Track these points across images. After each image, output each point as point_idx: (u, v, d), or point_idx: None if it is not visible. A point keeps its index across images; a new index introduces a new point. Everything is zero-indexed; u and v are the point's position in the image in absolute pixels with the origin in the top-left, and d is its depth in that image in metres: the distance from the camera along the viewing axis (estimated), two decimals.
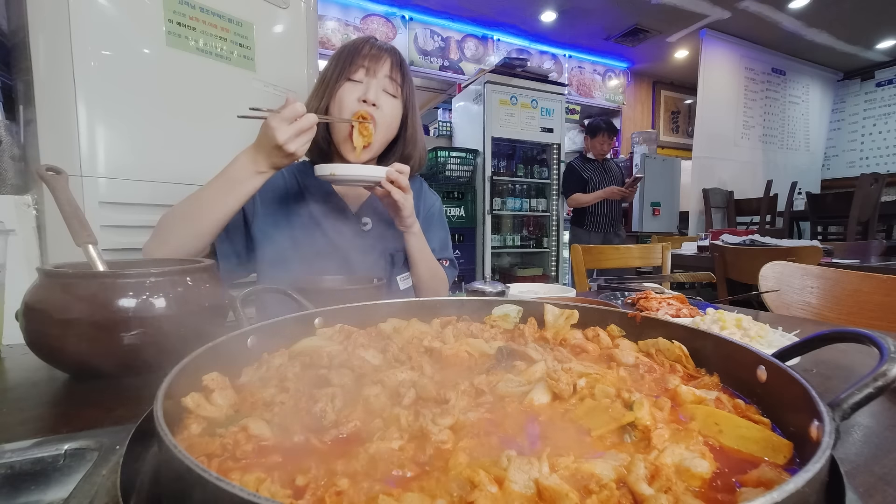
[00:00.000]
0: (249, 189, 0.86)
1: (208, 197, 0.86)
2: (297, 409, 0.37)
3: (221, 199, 0.85)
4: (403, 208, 0.95)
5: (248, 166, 0.85)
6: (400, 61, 1.02)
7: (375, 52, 0.99)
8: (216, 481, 0.21)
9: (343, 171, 0.88)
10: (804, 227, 5.21)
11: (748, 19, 4.98)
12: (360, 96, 0.97)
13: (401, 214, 0.97)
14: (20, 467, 0.37)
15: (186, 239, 0.86)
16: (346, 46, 1.01)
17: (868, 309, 1.19)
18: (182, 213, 0.87)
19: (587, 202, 3.49)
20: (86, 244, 0.63)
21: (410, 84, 1.05)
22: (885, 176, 4.22)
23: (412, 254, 1.06)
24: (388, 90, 1.00)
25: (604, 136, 3.53)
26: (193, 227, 0.86)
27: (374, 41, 1.01)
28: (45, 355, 0.59)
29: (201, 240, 0.88)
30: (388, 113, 1.00)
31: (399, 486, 0.28)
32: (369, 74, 0.98)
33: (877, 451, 0.42)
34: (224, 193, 0.85)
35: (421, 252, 1.06)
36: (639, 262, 2.25)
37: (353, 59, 0.97)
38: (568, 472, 0.28)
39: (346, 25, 4.53)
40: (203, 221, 0.86)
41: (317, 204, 1.05)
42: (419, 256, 1.06)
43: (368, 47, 0.99)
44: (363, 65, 0.97)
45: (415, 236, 1.04)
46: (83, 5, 1.13)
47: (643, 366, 0.47)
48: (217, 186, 0.86)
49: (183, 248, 0.86)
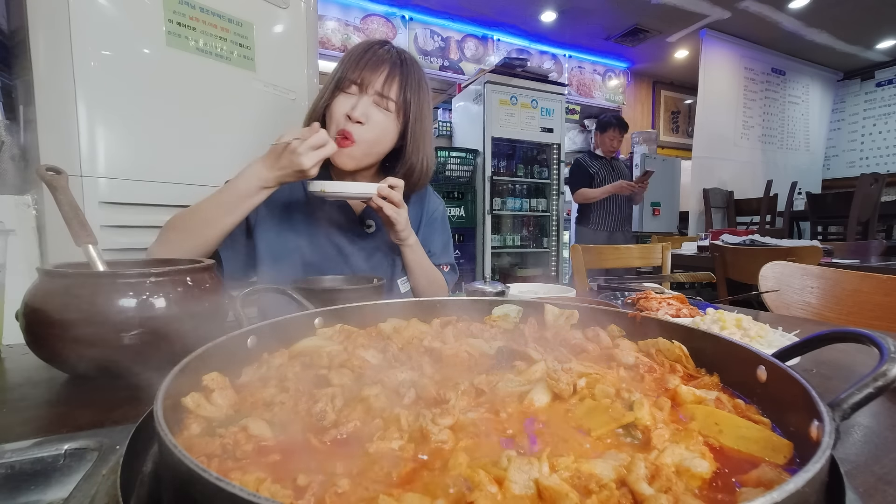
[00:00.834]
0: (255, 202, 0.88)
1: (213, 211, 0.88)
2: (297, 410, 0.37)
3: (226, 212, 0.87)
4: (396, 223, 0.95)
5: (255, 182, 0.86)
6: (401, 72, 0.98)
7: (373, 65, 0.96)
8: (216, 481, 0.21)
9: (332, 188, 0.89)
10: (804, 227, 5.21)
11: (748, 19, 4.98)
12: (347, 111, 0.95)
13: (394, 229, 0.97)
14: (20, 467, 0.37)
15: (191, 248, 0.88)
16: (350, 53, 0.99)
17: (868, 309, 1.19)
18: (185, 225, 0.89)
19: (595, 197, 3.41)
20: (86, 244, 0.63)
21: (415, 94, 0.99)
22: (885, 176, 4.22)
23: (409, 265, 1.07)
24: (379, 105, 0.97)
25: (614, 132, 3.47)
26: (197, 238, 0.88)
27: (377, 48, 0.98)
28: (45, 355, 0.59)
29: (206, 248, 0.89)
30: (375, 129, 0.97)
31: (399, 486, 0.28)
32: (362, 89, 0.96)
33: (877, 451, 0.42)
34: (229, 207, 0.87)
35: (418, 264, 1.07)
36: (639, 262, 2.25)
37: (349, 71, 0.96)
38: (568, 472, 0.28)
39: (346, 25, 4.53)
40: (208, 233, 0.88)
41: (319, 207, 1.05)
42: (416, 268, 1.07)
43: (368, 57, 0.96)
44: (356, 80, 0.95)
45: (410, 249, 1.04)
46: (83, 5, 1.13)
47: (643, 366, 0.47)
48: (222, 200, 0.87)
49: (187, 256, 0.87)
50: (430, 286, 1.10)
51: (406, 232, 1.00)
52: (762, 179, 4.93)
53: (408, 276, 1.10)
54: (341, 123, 0.96)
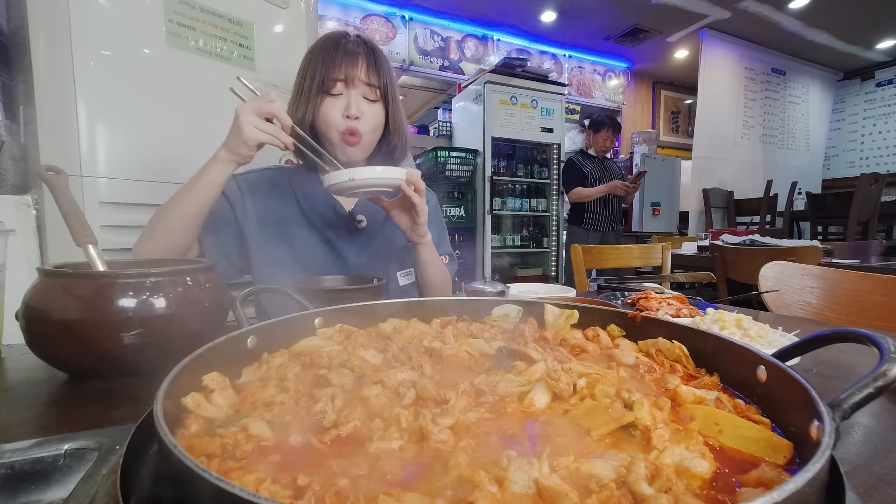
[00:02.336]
0: (216, 177, 0.85)
1: (183, 189, 0.87)
2: (297, 410, 0.37)
3: (191, 188, 0.86)
4: (422, 212, 0.93)
5: (215, 156, 0.86)
6: (374, 58, 0.98)
7: (349, 59, 0.96)
8: (216, 481, 0.21)
9: (363, 175, 0.83)
10: (804, 227, 5.21)
11: (748, 19, 4.98)
12: (343, 111, 0.96)
13: (418, 222, 0.95)
14: (20, 467, 0.37)
15: (171, 231, 0.86)
16: (320, 53, 0.97)
17: (868, 309, 1.19)
18: (164, 207, 0.88)
19: (590, 196, 3.41)
20: (86, 244, 0.63)
21: (388, 75, 1.01)
22: (885, 176, 4.22)
23: (423, 263, 1.05)
24: (368, 97, 0.98)
25: (607, 132, 3.47)
26: (174, 219, 0.86)
27: (345, 41, 0.98)
28: (45, 355, 0.59)
29: (185, 231, 0.87)
30: (371, 119, 0.99)
31: (399, 486, 0.28)
32: (348, 86, 0.96)
33: (877, 451, 0.42)
34: (193, 182, 0.86)
35: (431, 262, 1.06)
36: (639, 262, 2.24)
37: (329, 72, 0.95)
38: (568, 472, 0.28)
39: (346, 25, 4.53)
40: (183, 212, 0.86)
41: (310, 205, 1.05)
42: (429, 265, 1.06)
43: (342, 53, 0.95)
44: (339, 78, 0.95)
45: (426, 247, 1.02)
46: (83, 5, 1.13)
47: (643, 366, 0.47)
48: (189, 183, 0.87)
49: (169, 241, 0.87)
50: (441, 280, 1.09)
51: (425, 227, 0.98)
52: (762, 179, 4.93)
53: (418, 274, 1.09)
54: (341, 125, 0.96)
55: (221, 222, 0.97)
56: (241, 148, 0.83)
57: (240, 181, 1.02)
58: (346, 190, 0.86)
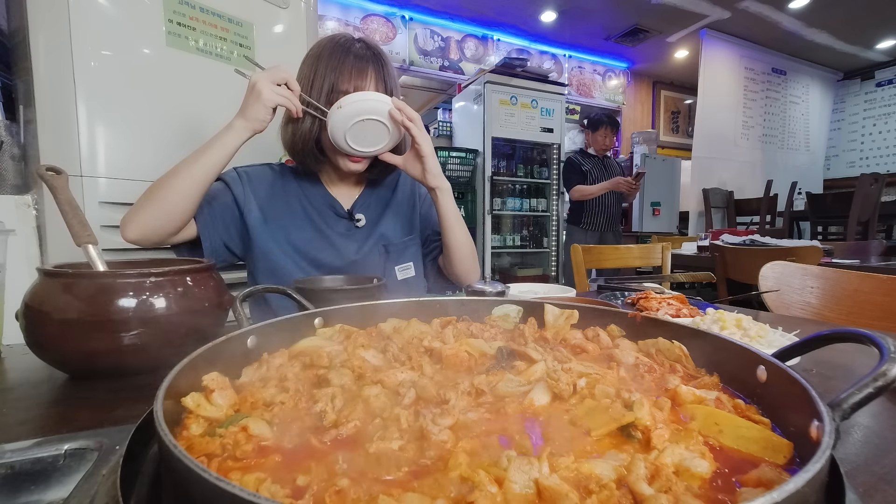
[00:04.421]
0: (228, 143, 0.87)
1: (191, 157, 0.88)
2: (297, 410, 0.37)
3: (201, 154, 0.87)
4: (429, 154, 0.94)
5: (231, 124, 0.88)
6: (383, 69, 0.98)
7: (358, 69, 0.95)
8: (216, 481, 0.21)
9: (348, 101, 0.88)
10: (804, 227, 5.21)
11: (748, 19, 4.98)
12: None
13: (426, 163, 0.95)
14: (20, 467, 0.37)
15: (171, 200, 0.86)
16: (328, 59, 0.95)
17: (868, 309, 1.18)
18: (166, 176, 0.88)
19: (592, 193, 3.38)
20: (86, 244, 0.63)
21: (394, 83, 1.00)
22: (885, 176, 4.21)
23: (446, 216, 1.02)
24: None
25: (606, 130, 3.45)
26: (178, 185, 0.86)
27: (356, 51, 0.96)
28: (45, 355, 0.59)
29: (185, 200, 0.87)
30: None
31: (399, 486, 0.28)
32: None
33: (877, 451, 0.42)
34: (204, 149, 0.88)
35: (455, 215, 1.03)
36: (639, 262, 2.24)
37: (338, 82, 0.94)
38: (568, 472, 0.28)
39: (346, 25, 4.53)
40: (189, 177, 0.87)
41: (310, 202, 1.05)
42: (452, 217, 1.02)
43: (350, 65, 0.94)
44: (348, 90, 0.94)
45: (445, 194, 1.00)
46: (83, 5, 1.13)
47: (643, 366, 0.47)
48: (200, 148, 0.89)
49: (166, 212, 0.86)
50: (467, 244, 1.07)
51: (437, 167, 0.97)
52: (762, 179, 4.93)
53: (444, 234, 1.05)
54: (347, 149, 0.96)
55: (219, 205, 0.97)
56: (260, 112, 0.86)
57: (240, 171, 1.02)
58: (343, 127, 0.90)
